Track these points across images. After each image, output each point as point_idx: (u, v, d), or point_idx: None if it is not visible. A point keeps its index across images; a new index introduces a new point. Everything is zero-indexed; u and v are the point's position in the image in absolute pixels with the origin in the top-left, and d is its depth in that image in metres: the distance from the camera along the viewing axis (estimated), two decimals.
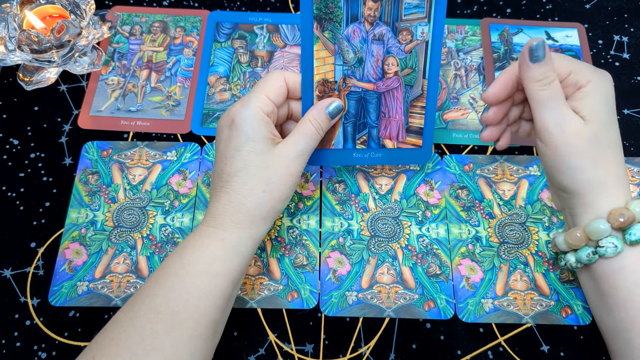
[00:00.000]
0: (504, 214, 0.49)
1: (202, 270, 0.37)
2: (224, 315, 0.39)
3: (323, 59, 0.42)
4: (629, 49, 0.58)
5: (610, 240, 0.38)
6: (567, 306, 0.45)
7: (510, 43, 0.58)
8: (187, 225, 0.48)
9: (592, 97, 0.39)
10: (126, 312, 0.37)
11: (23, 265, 0.47)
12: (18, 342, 0.44)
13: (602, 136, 0.38)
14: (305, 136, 0.40)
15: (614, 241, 0.38)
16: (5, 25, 0.51)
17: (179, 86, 0.55)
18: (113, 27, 0.55)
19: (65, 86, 0.55)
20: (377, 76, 0.43)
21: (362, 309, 0.45)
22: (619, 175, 0.39)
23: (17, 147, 0.52)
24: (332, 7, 0.40)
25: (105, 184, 0.50)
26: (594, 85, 0.39)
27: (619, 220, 0.37)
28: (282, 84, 0.41)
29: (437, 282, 0.46)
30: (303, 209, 0.49)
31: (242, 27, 0.58)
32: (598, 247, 0.39)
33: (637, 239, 0.37)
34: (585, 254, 0.39)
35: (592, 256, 0.39)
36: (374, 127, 0.44)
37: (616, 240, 0.38)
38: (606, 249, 0.38)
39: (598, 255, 0.39)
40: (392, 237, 0.48)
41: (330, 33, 0.41)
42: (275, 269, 0.47)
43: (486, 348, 0.44)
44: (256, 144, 0.39)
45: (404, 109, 0.44)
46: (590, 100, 0.39)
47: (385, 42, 0.42)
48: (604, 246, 0.38)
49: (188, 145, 0.52)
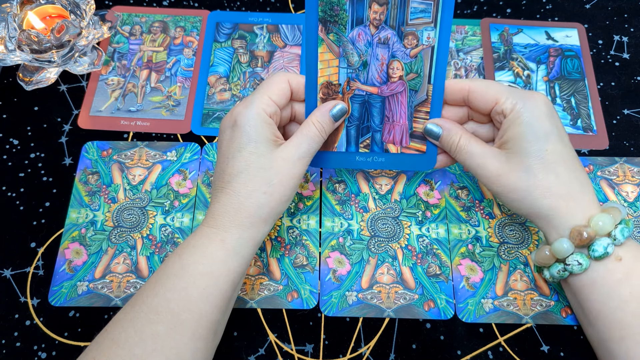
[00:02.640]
0: (504, 214, 0.49)
1: (202, 271, 0.37)
2: (224, 316, 0.39)
3: (327, 61, 0.42)
4: (629, 49, 0.58)
5: (575, 258, 0.38)
6: (567, 306, 0.45)
7: (510, 43, 0.58)
8: (187, 225, 0.48)
9: (516, 125, 0.39)
10: (126, 312, 0.37)
11: (23, 265, 0.47)
12: (18, 342, 0.44)
13: (532, 162, 0.38)
14: (308, 138, 0.40)
15: (578, 258, 0.38)
16: (5, 25, 0.51)
17: (179, 86, 0.55)
18: (113, 27, 0.55)
19: (65, 86, 0.55)
20: (382, 80, 0.43)
21: (362, 309, 0.45)
22: (576, 188, 0.39)
23: (17, 147, 0.52)
24: (338, 10, 0.40)
25: (105, 184, 0.50)
26: (517, 113, 0.39)
27: (581, 237, 0.38)
28: (285, 85, 0.41)
29: (437, 282, 0.46)
30: (303, 209, 0.49)
31: (242, 27, 0.58)
32: (565, 265, 0.39)
33: (600, 255, 0.38)
34: (556, 270, 0.40)
35: (563, 273, 0.40)
36: (377, 131, 0.44)
37: (580, 257, 0.38)
38: (572, 267, 0.39)
39: (567, 272, 0.39)
40: (392, 237, 0.48)
41: (335, 36, 0.41)
42: (275, 269, 0.47)
43: (486, 348, 0.44)
44: (258, 145, 0.39)
45: (408, 114, 0.44)
46: (514, 129, 0.39)
47: (390, 46, 0.42)
48: (570, 264, 0.39)
49: (188, 145, 0.52)
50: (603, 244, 0.37)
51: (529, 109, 0.39)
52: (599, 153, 0.52)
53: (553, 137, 0.39)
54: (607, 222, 0.38)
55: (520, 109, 0.39)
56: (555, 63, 0.56)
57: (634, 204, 0.49)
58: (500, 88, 0.40)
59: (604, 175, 0.51)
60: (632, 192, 0.50)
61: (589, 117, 0.54)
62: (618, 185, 0.50)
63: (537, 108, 0.39)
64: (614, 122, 0.54)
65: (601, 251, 0.37)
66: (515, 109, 0.39)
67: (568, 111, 0.54)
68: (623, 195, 0.50)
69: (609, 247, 0.37)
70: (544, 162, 0.38)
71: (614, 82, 0.56)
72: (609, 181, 0.51)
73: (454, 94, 0.42)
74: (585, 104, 0.54)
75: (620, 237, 0.38)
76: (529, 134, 0.39)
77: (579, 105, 0.54)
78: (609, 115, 0.54)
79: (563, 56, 0.57)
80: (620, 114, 0.54)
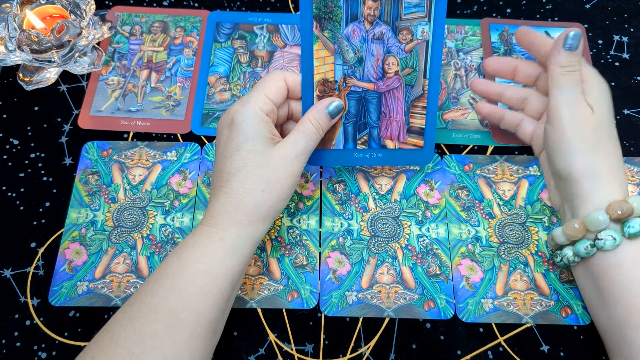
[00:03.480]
0: (504, 214, 0.49)
1: (201, 270, 0.37)
2: (223, 315, 0.39)
3: (323, 58, 0.42)
4: (629, 49, 0.58)
5: (609, 233, 0.38)
6: (567, 306, 0.45)
7: (510, 43, 0.58)
8: (187, 225, 0.48)
9: (597, 91, 0.41)
10: (125, 311, 0.37)
11: (23, 265, 0.47)
12: (18, 342, 0.44)
13: (605, 129, 0.40)
14: (305, 136, 0.40)
15: (612, 234, 0.38)
16: (5, 25, 0.51)
17: (179, 86, 0.55)
18: (113, 27, 0.55)
19: (65, 86, 0.55)
20: (378, 76, 0.43)
21: (362, 309, 0.45)
22: (617, 169, 0.40)
23: (17, 147, 0.52)
24: (332, 7, 0.40)
25: (105, 184, 0.50)
26: (598, 81, 0.41)
27: (617, 212, 0.38)
28: (281, 83, 0.41)
29: (437, 282, 0.46)
30: (303, 209, 0.49)
31: (242, 27, 0.58)
32: (597, 240, 0.39)
33: (635, 232, 0.38)
34: (584, 246, 0.39)
35: (591, 249, 0.39)
36: (374, 127, 0.44)
37: (615, 233, 0.38)
38: (605, 242, 0.38)
39: (596, 248, 0.39)
40: (392, 237, 0.48)
41: (330, 32, 0.41)
42: (275, 269, 0.47)
43: (486, 348, 0.44)
44: (255, 143, 0.39)
45: (405, 109, 0.44)
46: (597, 94, 0.41)
47: (385, 42, 0.42)
48: (603, 238, 0.38)
49: (188, 145, 0.52)
50: (639, 222, 0.38)
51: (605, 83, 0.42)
52: None
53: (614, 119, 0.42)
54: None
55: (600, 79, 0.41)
56: None
57: None
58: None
59: None
60: (632, 192, 0.50)
61: None
62: None
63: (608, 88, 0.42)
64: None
65: (637, 228, 0.37)
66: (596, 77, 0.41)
67: None
68: None
69: None
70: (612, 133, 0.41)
71: (614, 82, 0.56)
72: None
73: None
74: None
75: None
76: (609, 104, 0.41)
77: None
78: None
79: None
80: (620, 114, 0.54)
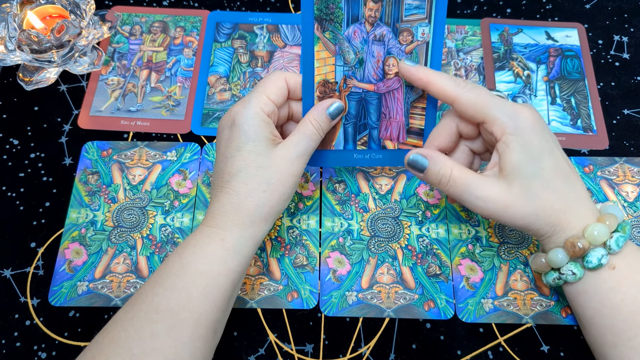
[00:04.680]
0: None
1: (202, 270, 0.37)
2: (224, 316, 0.39)
3: (324, 59, 0.42)
4: (629, 49, 0.58)
5: (569, 268, 0.39)
6: (567, 306, 0.45)
7: (510, 43, 0.58)
8: (187, 225, 0.48)
9: (509, 151, 0.37)
10: (126, 311, 0.37)
11: (23, 265, 0.47)
12: (18, 342, 0.44)
13: (533, 184, 0.37)
14: (306, 136, 0.40)
15: (572, 268, 0.39)
16: (5, 25, 0.51)
17: (179, 86, 0.55)
18: (113, 27, 0.55)
19: (65, 86, 0.55)
20: (378, 77, 0.43)
21: (362, 309, 0.45)
22: (574, 199, 0.39)
23: (17, 147, 0.52)
24: (333, 8, 0.40)
25: (105, 184, 0.50)
26: (510, 137, 0.37)
27: (575, 249, 0.38)
28: (282, 84, 0.41)
29: (437, 282, 0.46)
30: (303, 209, 0.49)
31: (242, 27, 0.58)
32: (560, 274, 0.40)
33: (594, 266, 0.38)
34: (552, 278, 0.41)
35: (558, 281, 0.40)
36: (374, 128, 0.44)
37: (574, 267, 0.38)
38: (566, 276, 0.39)
39: (562, 280, 0.40)
40: (392, 237, 0.48)
41: (331, 34, 0.41)
42: (275, 269, 0.47)
43: (486, 348, 0.44)
44: (257, 144, 0.39)
45: (405, 110, 0.44)
46: (509, 156, 0.37)
47: (385, 43, 0.42)
48: (565, 273, 0.39)
49: (188, 145, 0.52)
50: (597, 255, 0.37)
51: (520, 129, 0.37)
52: (599, 153, 0.52)
53: (547, 153, 0.38)
54: (602, 232, 0.37)
55: (512, 132, 0.37)
56: (555, 63, 0.56)
57: (634, 204, 0.49)
58: (484, 103, 0.38)
59: (604, 175, 0.51)
60: (632, 192, 0.50)
61: (589, 117, 0.54)
62: (618, 185, 0.50)
63: (527, 127, 0.37)
64: (614, 122, 0.54)
65: (595, 262, 0.38)
66: (506, 132, 0.37)
67: (568, 111, 0.54)
68: (623, 195, 0.50)
69: (603, 258, 0.38)
70: (543, 181, 0.38)
71: (614, 82, 0.56)
72: (609, 181, 0.50)
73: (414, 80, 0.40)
74: (585, 104, 0.54)
75: (615, 247, 0.38)
76: (526, 157, 0.37)
77: (579, 105, 0.54)
78: (609, 115, 0.54)
79: (563, 56, 0.57)
80: (620, 114, 0.54)
